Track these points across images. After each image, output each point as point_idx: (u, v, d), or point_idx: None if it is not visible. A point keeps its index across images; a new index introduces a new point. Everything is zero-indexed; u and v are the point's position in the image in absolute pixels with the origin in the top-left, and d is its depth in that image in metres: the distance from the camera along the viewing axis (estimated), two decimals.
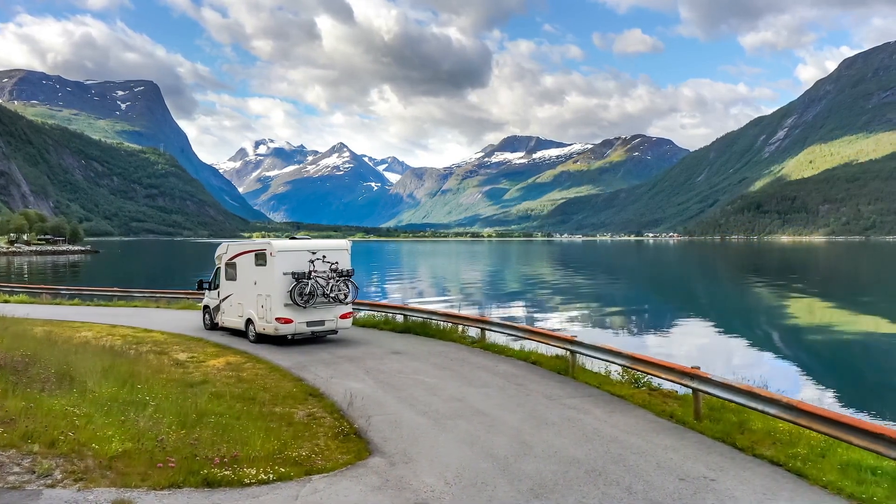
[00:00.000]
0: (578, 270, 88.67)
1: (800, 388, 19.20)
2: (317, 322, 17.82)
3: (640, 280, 74.55)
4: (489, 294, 52.65)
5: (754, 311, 41.32)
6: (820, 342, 28.65)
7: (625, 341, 27.24)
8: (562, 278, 72.85)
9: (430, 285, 63.87)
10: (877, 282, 68.99)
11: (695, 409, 10.83)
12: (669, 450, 9.14)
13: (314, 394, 12.66)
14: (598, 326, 32.91)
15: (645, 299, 50.43)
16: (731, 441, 9.53)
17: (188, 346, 17.83)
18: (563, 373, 14.35)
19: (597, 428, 10.19)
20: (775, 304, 43.63)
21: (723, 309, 43.31)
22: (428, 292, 54.16)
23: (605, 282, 68.99)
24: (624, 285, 65.31)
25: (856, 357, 25.32)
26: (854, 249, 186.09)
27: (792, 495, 7.51)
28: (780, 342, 28.80)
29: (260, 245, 18.22)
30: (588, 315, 37.76)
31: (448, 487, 7.58)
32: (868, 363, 24.44)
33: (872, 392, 19.77)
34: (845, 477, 7.97)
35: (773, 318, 36.89)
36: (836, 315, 37.66)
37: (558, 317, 36.56)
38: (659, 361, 11.73)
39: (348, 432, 9.95)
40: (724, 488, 7.67)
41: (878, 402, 18.02)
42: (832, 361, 24.76)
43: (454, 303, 43.72)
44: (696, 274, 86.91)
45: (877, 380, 21.61)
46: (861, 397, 18.66)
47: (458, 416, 10.87)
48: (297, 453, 8.73)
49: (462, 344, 18.16)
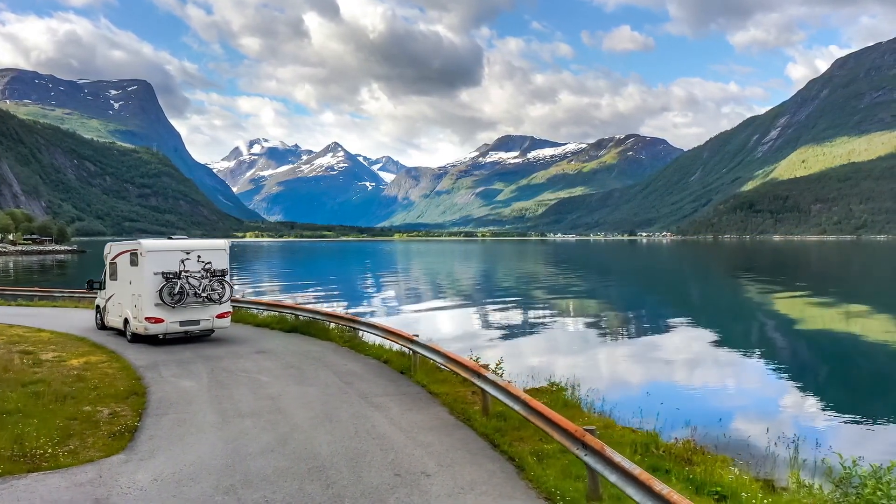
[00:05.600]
0: (563, 269, 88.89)
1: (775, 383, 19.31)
2: (191, 322, 17.93)
3: (624, 276, 74.78)
4: (466, 293, 52.81)
5: (723, 308, 41.55)
6: (804, 338, 28.82)
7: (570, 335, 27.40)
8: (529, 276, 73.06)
9: (394, 286, 64.01)
10: (862, 278, 69.34)
11: (483, 406, 11.01)
12: (422, 446, 9.32)
13: (138, 392, 12.80)
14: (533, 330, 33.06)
15: (622, 297, 50.62)
16: (491, 439, 9.72)
17: (63, 346, 17.92)
18: (406, 371, 14.53)
19: (375, 425, 10.36)
20: (758, 301, 43.87)
21: (688, 307, 43.53)
22: (391, 293, 54.30)
23: (581, 279, 69.17)
24: (597, 281, 65.53)
25: (822, 351, 25.51)
26: (845, 248, 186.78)
27: (487, 489, 7.68)
28: (766, 339, 28.97)
29: (132, 245, 18.33)
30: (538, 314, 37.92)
31: (153, 484, 7.75)
32: (841, 358, 24.66)
33: (840, 385, 19.91)
34: (567, 476, 8.14)
35: (756, 315, 37.12)
36: (821, 311, 37.93)
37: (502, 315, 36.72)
38: (459, 358, 11.91)
39: (124, 431, 10.10)
40: (427, 485, 7.82)
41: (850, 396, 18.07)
42: (820, 357, 24.87)
43: (407, 299, 43.90)
44: (676, 272, 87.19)
45: (840, 372, 21.79)
46: (821, 390, 18.71)
47: (254, 414, 11.03)
48: (46, 451, 8.88)
49: (336, 343, 18.32)
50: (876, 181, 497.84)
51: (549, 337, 28.58)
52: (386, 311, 38.84)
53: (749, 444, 12.51)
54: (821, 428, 14.71)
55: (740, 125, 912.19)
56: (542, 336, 28.76)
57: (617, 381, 19.52)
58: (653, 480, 5.69)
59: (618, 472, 6.34)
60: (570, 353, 24.36)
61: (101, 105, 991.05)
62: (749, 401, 17.56)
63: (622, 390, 17.83)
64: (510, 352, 23.86)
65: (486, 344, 25.50)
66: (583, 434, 7.16)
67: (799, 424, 14.82)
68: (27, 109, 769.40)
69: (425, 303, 43.72)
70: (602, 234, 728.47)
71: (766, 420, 14.97)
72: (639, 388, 18.51)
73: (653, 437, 10.05)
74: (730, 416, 15.27)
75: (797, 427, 14.32)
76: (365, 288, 59.20)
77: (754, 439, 12.78)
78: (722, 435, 12.38)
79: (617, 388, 18.23)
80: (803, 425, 14.80)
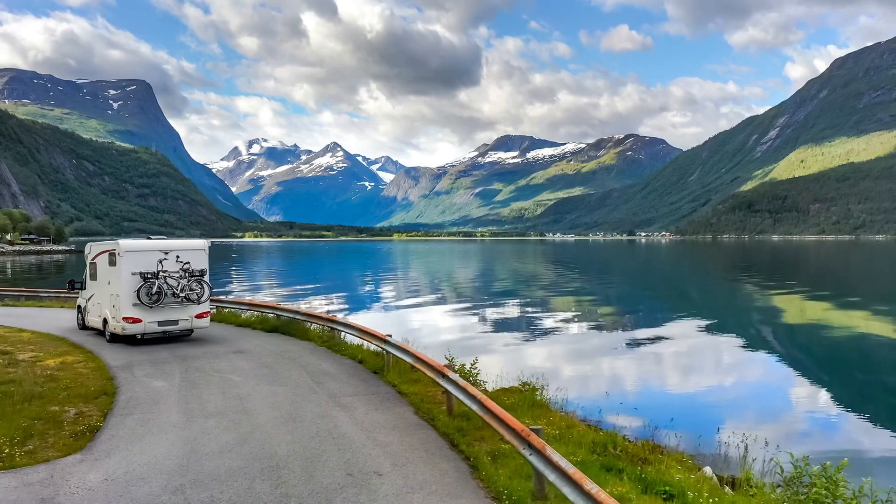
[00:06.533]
0: (556, 267, 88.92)
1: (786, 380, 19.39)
2: (169, 322, 17.94)
3: (617, 274, 74.83)
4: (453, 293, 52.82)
5: (713, 307, 41.59)
6: (803, 336, 28.86)
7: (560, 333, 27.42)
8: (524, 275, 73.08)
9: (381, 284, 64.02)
10: (857, 277, 69.42)
11: (447, 406, 11.03)
12: (381, 446, 9.35)
13: (108, 392, 12.81)
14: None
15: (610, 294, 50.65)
16: (451, 438, 9.74)
17: (42, 346, 17.93)
18: (379, 372, 14.54)
19: (337, 425, 10.38)
20: (757, 300, 43.90)
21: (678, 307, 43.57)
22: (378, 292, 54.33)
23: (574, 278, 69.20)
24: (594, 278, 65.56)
25: (825, 350, 25.55)
26: (843, 248, 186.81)
27: (437, 488, 7.69)
28: (769, 337, 29.01)
29: (111, 245, 18.33)
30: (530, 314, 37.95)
31: (103, 484, 7.77)
32: (839, 356, 24.69)
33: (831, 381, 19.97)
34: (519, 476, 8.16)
35: (746, 314, 37.15)
36: (821, 311, 37.98)
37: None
38: (425, 358, 11.94)
39: (86, 431, 10.11)
40: (377, 484, 7.84)
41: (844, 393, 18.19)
42: (822, 357, 24.92)
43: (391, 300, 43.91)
44: (671, 272, 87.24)
45: (809, 369, 21.83)
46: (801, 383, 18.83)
47: (219, 414, 11.05)
48: (3, 451, 8.92)
49: (315, 343, 18.34)
50: (874, 181, 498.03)
51: (535, 336, 28.56)
52: (381, 309, 38.85)
53: (717, 443, 12.51)
54: (785, 427, 14.75)
55: (739, 125, 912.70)
56: (529, 335, 28.76)
57: (596, 380, 19.53)
58: (584, 480, 5.72)
59: (556, 472, 6.36)
60: (554, 352, 24.38)
61: (99, 105, 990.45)
62: (721, 400, 17.58)
63: (599, 390, 17.84)
64: (494, 351, 23.88)
65: (470, 343, 25.51)
66: (528, 434, 7.18)
67: (764, 423, 14.85)
68: (26, 109, 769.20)
69: (420, 302, 43.71)
70: (601, 233, 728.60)
71: (738, 421, 15.01)
72: (616, 388, 18.53)
73: (612, 436, 10.07)
74: (698, 416, 15.31)
75: (762, 426, 14.35)
76: (362, 288, 59.21)
77: (721, 439, 12.76)
78: (687, 435, 12.42)
79: (594, 387, 18.26)
80: (769, 424, 14.83)
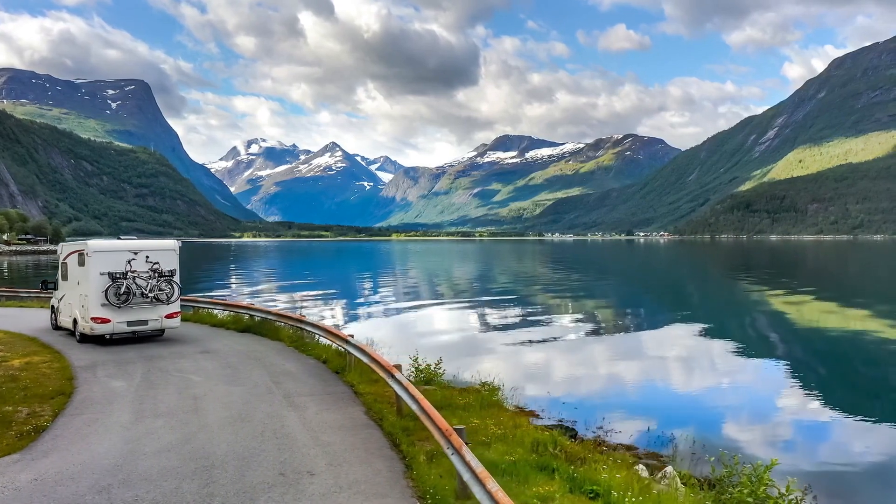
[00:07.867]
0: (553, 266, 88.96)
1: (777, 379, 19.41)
2: (139, 322, 17.96)
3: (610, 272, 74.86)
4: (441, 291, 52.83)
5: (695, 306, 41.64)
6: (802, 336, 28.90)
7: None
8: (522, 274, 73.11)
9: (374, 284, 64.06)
10: (855, 277, 69.49)
11: (397, 406, 11.06)
12: (322, 445, 9.39)
13: (65, 393, 12.84)
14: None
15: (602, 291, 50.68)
16: (394, 438, 9.77)
17: (11, 346, 17.93)
18: (341, 371, 14.57)
19: (284, 425, 10.42)
20: (748, 300, 43.91)
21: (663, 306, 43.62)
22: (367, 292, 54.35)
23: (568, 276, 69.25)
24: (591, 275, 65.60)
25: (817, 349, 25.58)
26: (841, 248, 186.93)
27: (365, 488, 7.72)
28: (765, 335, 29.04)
29: (80, 245, 18.35)
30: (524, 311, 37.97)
31: (31, 483, 7.81)
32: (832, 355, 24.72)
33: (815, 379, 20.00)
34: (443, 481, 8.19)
35: (739, 313, 37.21)
36: (818, 311, 38.02)
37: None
38: (378, 358, 11.97)
39: (32, 431, 10.14)
40: (306, 484, 7.86)
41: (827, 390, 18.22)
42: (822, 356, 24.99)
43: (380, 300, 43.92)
44: (668, 271, 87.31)
45: (774, 369, 21.86)
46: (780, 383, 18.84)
47: (168, 414, 11.08)
48: None
49: (284, 343, 18.37)
50: (872, 181, 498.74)
51: (519, 337, 28.36)
52: (372, 309, 38.86)
53: (678, 443, 12.52)
54: (755, 426, 14.77)
55: (737, 125, 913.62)
56: (514, 336, 28.61)
57: (567, 381, 19.53)
58: (488, 479, 5.76)
59: (469, 471, 6.39)
60: (533, 352, 24.32)
61: (98, 105, 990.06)
62: (695, 400, 17.59)
63: (566, 391, 17.88)
64: (476, 351, 23.88)
65: (452, 343, 25.55)
66: (450, 433, 7.21)
67: (735, 423, 14.88)
68: (24, 109, 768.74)
69: (413, 303, 43.68)
70: (599, 233, 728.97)
71: (710, 421, 15.04)
72: (586, 388, 18.55)
73: (554, 436, 10.10)
74: (666, 416, 15.27)
75: (733, 426, 14.39)
76: (359, 287, 59.24)
77: (686, 438, 12.79)
78: (650, 435, 12.45)
79: (562, 388, 18.29)
80: (739, 424, 14.86)
